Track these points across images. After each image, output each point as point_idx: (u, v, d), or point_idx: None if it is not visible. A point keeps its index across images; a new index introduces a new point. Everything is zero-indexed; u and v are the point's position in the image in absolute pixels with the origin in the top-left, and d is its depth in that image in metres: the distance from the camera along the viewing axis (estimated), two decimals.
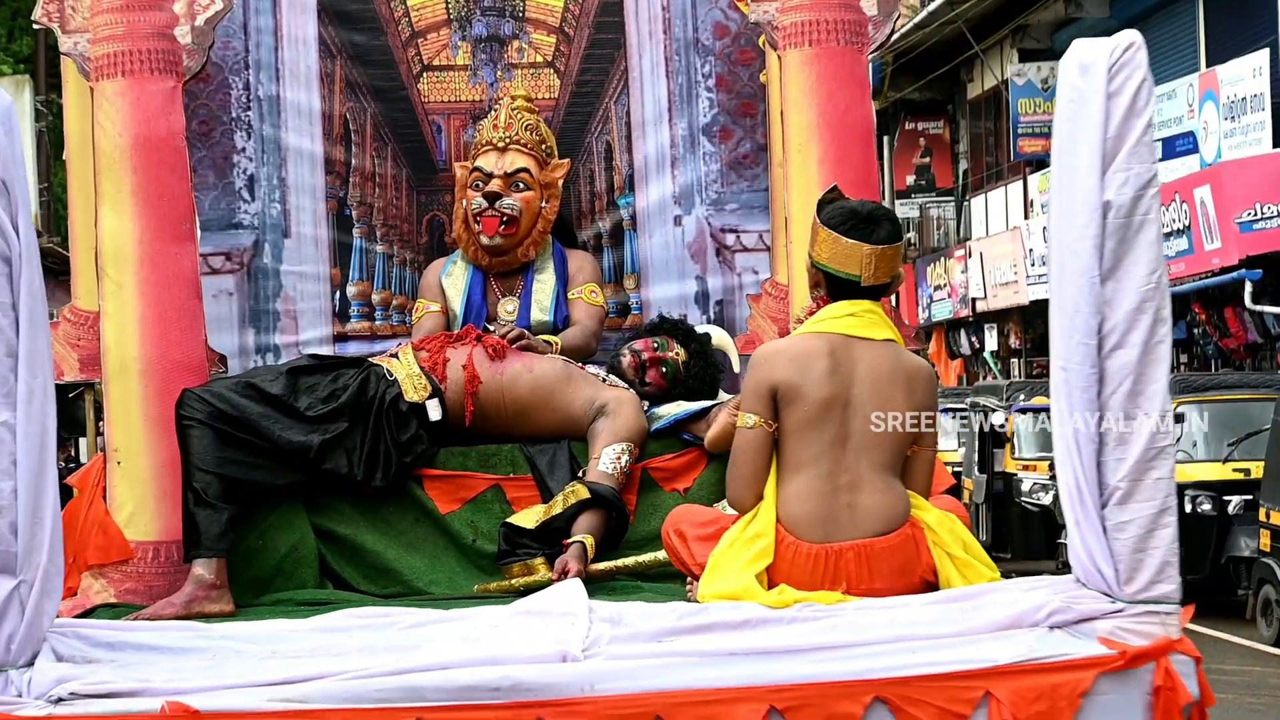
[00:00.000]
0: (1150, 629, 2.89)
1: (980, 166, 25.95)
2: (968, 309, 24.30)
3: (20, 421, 2.85)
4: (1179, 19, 20.27)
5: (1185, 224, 17.25)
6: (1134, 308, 2.90)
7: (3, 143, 2.87)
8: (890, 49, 25.91)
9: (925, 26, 24.24)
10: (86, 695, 2.84)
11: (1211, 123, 17.53)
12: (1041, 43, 23.40)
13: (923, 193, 26.71)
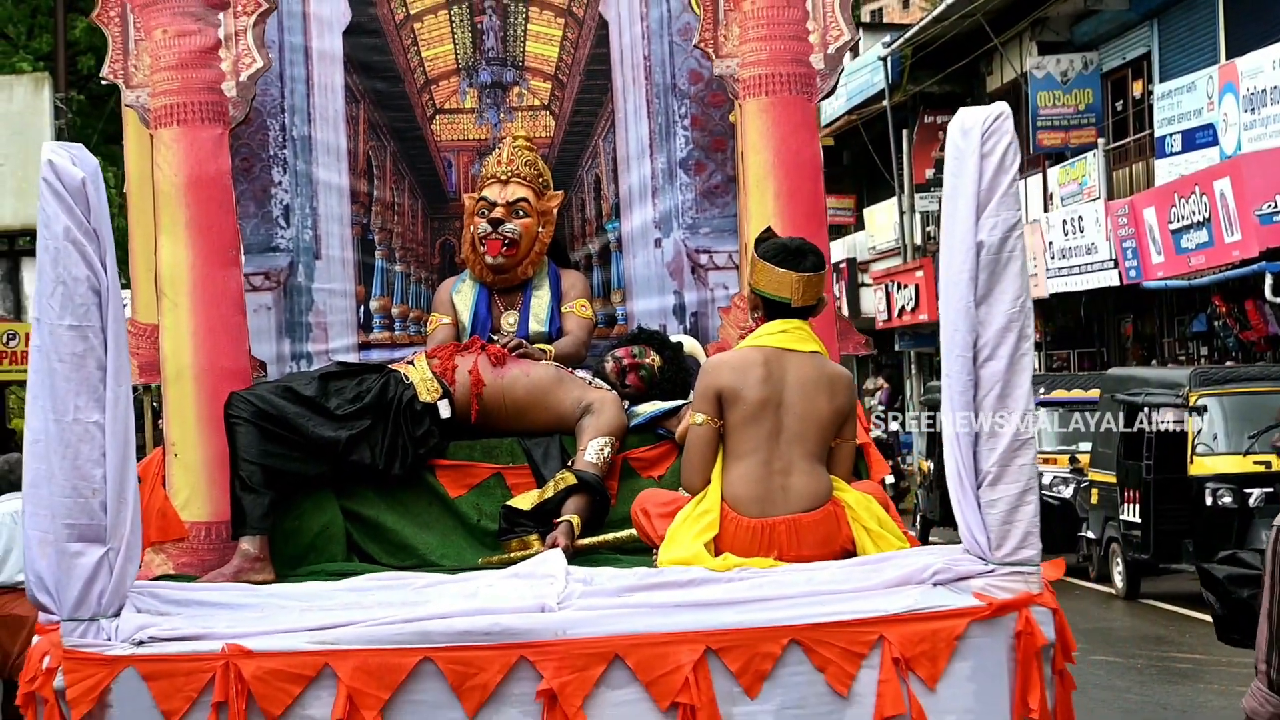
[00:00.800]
0: (1015, 585, 3.67)
1: None
2: None
3: (108, 422, 3.64)
4: (1198, 11, 20.51)
5: (1205, 216, 17.61)
6: (1002, 327, 3.66)
7: (93, 197, 3.66)
8: (909, 42, 26.40)
9: (944, 20, 24.58)
10: (161, 639, 3.63)
11: (1231, 115, 17.88)
12: (1061, 35, 23.65)
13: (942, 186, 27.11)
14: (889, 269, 29.01)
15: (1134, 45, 22.16)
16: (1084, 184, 21.97)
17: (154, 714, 3.57)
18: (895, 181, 27.90)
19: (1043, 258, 22.24)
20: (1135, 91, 22.35)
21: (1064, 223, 21.70)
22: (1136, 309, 22.20)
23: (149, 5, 4.91)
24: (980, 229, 3.66)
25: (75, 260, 3.57)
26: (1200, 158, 18.40)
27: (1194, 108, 18.80)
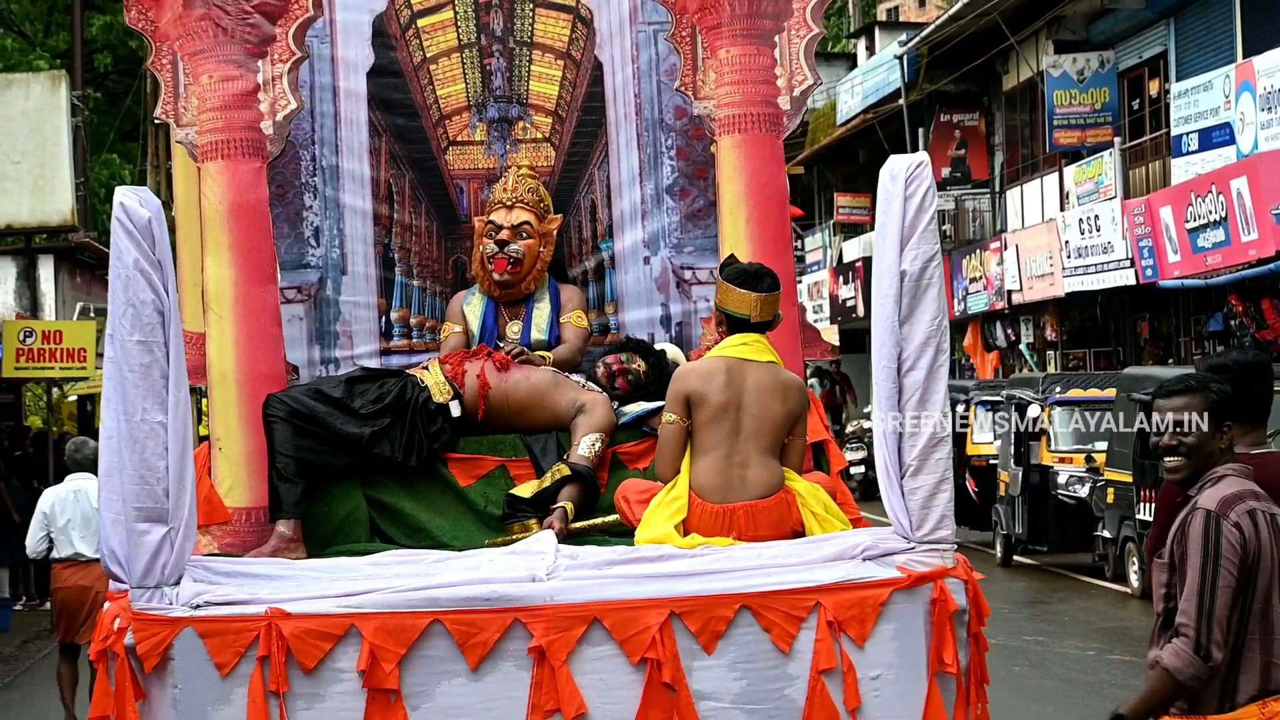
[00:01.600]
0: (932, 560, 4.43)
1: (1016, 158, 26.52)
2: (1003, 301, 24.90)
3: (170, 421, 4.43)
4: (1215, 10, 20.75)
5: (1222, 215, 17.78)
6: (922, 342, 4.42)
7: (157, 233, 4.44)
8: (925, 41, 26.78)
9: (960, 18, 24.86)
10: (214, 603, 4.42)
11: (1248, 114, 18.00)
12: (1077, 34, 23.96)
13: (958, 185, 27.35)
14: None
15: (1151, 44, 22.44)
16: (1100, 183, 22.25)
17: (209, 666, 4.36)
18: None
19: (1059, 257, 22.63)
20: (1152, 90, 22.62)
21: (1080, 222, 21.97)
22: (1153, 308, 22.48)
23: (197, 54, 5.70)
24: (904, 260, 4.42)
25: (143, 287, 4.35)
26: (1217, 156, 18.59)
27: (1211, 106, 18.98)
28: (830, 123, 32.96)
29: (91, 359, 16.87)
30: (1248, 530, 3.99)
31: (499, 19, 6.19)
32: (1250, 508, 4.01)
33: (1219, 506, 4.01)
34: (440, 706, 4.33)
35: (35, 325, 16.94)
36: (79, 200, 20.03)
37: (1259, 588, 3.99)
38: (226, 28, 5.67)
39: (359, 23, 6.12)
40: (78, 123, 20.25)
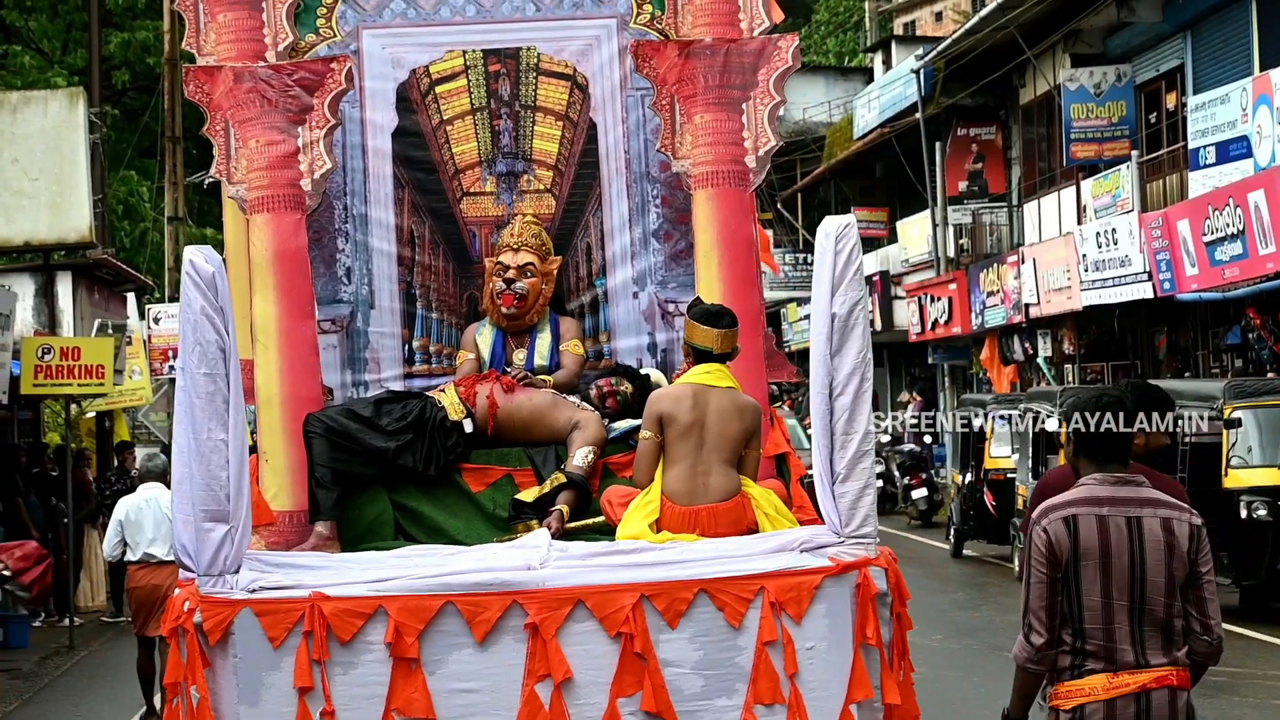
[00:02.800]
0: (857, 552, 5.55)
1: (1033, 172, 27.27)
2: (1021, 315, 25.63)
3: (230, 438, 5.57)
4: (1232, 23, 21.43)
5: (1240, 228, 18.37)
6: (849, 372, 5.54)
7: (220, 284, 5.59)
8: (942, 55, 27.61)
9: (977, 32, 25.75)
10: (267, 588, 5.56)
11: (1266, 126, 18.52)
12: (1094, 47, 24.81)
13: (975, 198, 28.23)
14: (922, 282, 30.20)
15: (1167, 57, 23.18)
16: (1117, 196, 22.92)
17: (263, 640, 5.49)
18: (928, 194, 29.05)
19: (1076, 270, 23.27)
20: (1169, 104, 23.32)
21: (1097, 235, 22.63)
22: (1170, 321, 23.15)
23: (246, 121, 6.89)
24: (834, 304, 5.55)
25: (207, 329, 5.51)
26: (1234, 170, 19.19)
27: (1228, 120, 19.55)
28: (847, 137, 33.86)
29: (109, 375, 17.34)
30: (1055, 533, 4.98)
31: (506, 86, 7.38)
32: (1068, 514, 5.00)
33: (1038, 515, 5.09)
34: (452, 672, 5.46)
35: (53, 342, 17.35)
36: (97, 217, 20.67)
37: (1085, 582, 4.95)
38: (271, 99, 6.85)
39: (385, 90, 7.31)
40: (95, 140, 21.02)
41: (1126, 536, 4.95)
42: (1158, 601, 4.95)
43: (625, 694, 5.41)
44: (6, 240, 19.17)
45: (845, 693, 5.47)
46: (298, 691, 5.40)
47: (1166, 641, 4.97)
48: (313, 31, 7.24)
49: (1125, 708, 4.92)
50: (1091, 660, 4.98)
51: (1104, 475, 5.08)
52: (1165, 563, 4.94)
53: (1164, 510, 5.02)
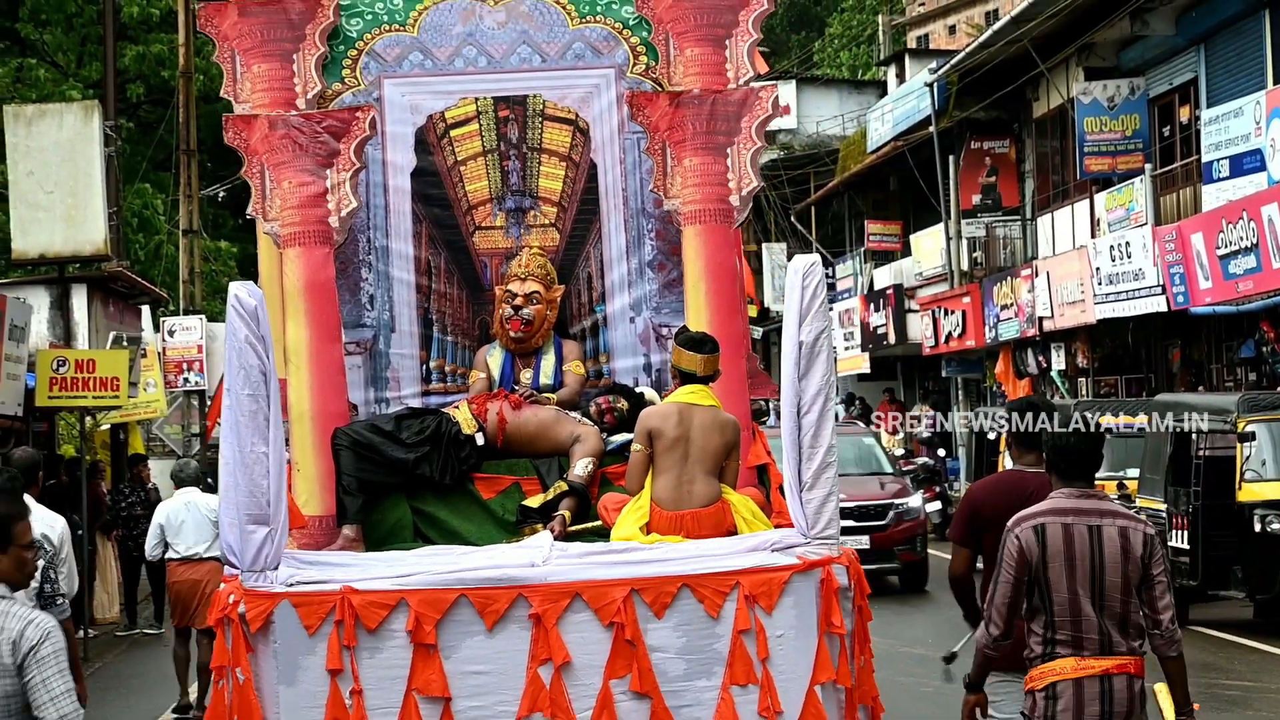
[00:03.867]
0: (821, 551, 6.53)
1: (1047, 185, 27.74)
2: (1034, 328, 26.01)
3: (270, 451, 6.58)
4: (1245, 36, 21.92)
5: (1253, 241, 18.89)
6: (815, 393, 6.52)
7: (261, 315, 6.60)
8: (956, 68, 28.16)
9: (990, 45, 26.26)
10: (303, 583, 6.56)
11: (1279, 140, 18.99)
12: (1108, 61, 25.30)
13: (989, 212, 28.86)
14: (936, 295, 30.77)
15: (1181, 70, 23.70)
16: (1131, 209, 23.40)
17: (299, 628, 6.47)
18: (942, 207, 29.69)
19: (1090, 284, 23.67)
20: (1182, 117, 23.80)
21: (1111, 249, 23.08)
22: (1184, 335, 23.60)
23: (280, 164, 7.92)
24: (801, 332, 6.55)
25: (251, 355, 6.52)
26: (1248, 183, 19.71)
27: (1241, 133, 20.11)
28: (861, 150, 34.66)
29: (124, 388, 17.77)
30: (1026, 540, 5.98)
31: (515, 130, 8.41)
32: (1038, 523, 6.00)
33: (1012, 523, 6.09)
34: (465, 656, 6.45)
35: (68, 354, 17.70)
36: (112, 230, 21.21)
37: (1053, 581, 5.93)
38: (302, 144, 7.89)
39: (404, 134, 8.34)
40: (110, 153, 21.63)
41: (1088, 542, 5.95)
42: (1115, 599, 5.94)
43: (617, 676, 6.39)
44: (22, 253, 19.75)
45: (811, 675, 6.44)
46: (330, 673, 6.38)
47: (1124, 634, 5.97)
48: (339, 80, 8.29)
49: (1090, 686, 5.92)
50: (1061, 646, 5.98)
51: (1070, 490, 6.10)
52: (1121, 566, 5.94)
53: (1121, 520, 6.03)
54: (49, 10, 31.53)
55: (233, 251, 32.99)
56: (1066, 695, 5.94)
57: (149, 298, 24.05)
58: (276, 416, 6.56)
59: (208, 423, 25.96)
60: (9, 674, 4.99)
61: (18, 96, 27.68)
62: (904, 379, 35.29)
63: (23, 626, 5.04)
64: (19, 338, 15.89)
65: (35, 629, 5.05)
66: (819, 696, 6.43)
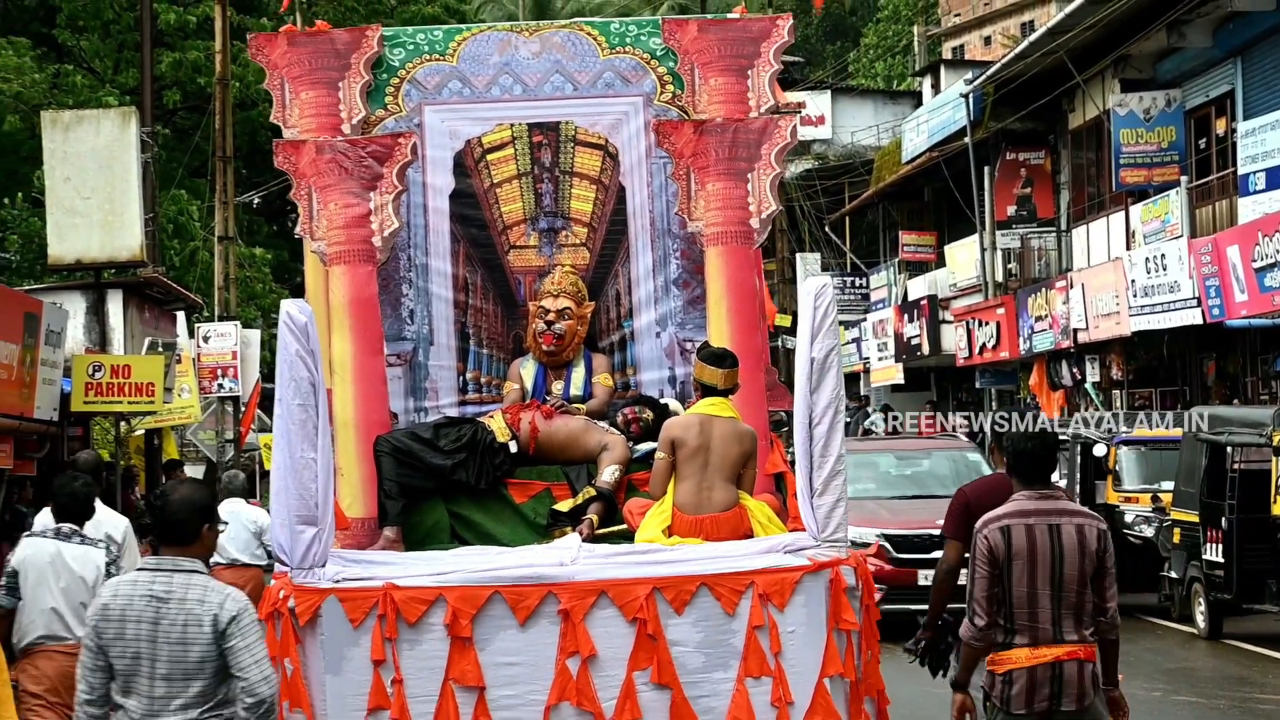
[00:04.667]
0: (831, 553, 7.18)
1: (1082, 197, 28.23)
2: (1069, 340, 26.45)
3: (318, 457, 7.27)
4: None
5: None
6: (825, 405, 7.16)
7: (311, 331, 7.28)
8: (991, 79, 28.53)
9: (1026, 57, 26.77)
10: (348, 579, 7.24)
11: None
12: (1144, 73, 25.79)
13: (1024, 223, 29.35)
14: (970, 306, 31.25)
15: (1217, 83, 24.18)
16: (1167, 222, 23.86)
17: (345, 621, 7.13)
18: (976, 218, 30.16)
19: (1125, 296, 24.08)
20: (1219, 129, 24.27)
21: (1146, 260, 23.54)
22: (1219, 348, 24.04)
23: (326, 187, 8.62)
24: (813, 349, 7.20)
25: (301, 368, 7.20)
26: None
27: (1278, 145, 20.65)
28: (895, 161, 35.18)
29: (159, 393, 18.10)
30: (994, 540, 6.70)
31: (548, 154, 9.10)
32: (1004, 524, 6.71)
33: (980, 525, 6.80)
34: (499, 649, 7.10)
35: (104, 360, 18.05)
36: (148, 236, 21.40)
37: (1015, 576, 6.65)
38: (348, 168, 8.59)
39: (443, 158, 9.04)
40: (147, 159, 21.85)
41: (1048, 540, 6.71)
42: (1072, 590, 6.68)
43: (640, 668, 7.04)
44: (58, 258, 20.10)
45: (820, 668, 7.08)
46: (373, 664, 7.03)
47: (1077, 622, 6.70)
48: (382, 107, 8.99)
49: (1042, 673, 6.68)
50: (1018, 636, 6.73)
51: (1030, 492, 6.84)
52: (1079, 560, 6.69)
53: (1078, 519, 6.78)
54: (86, 17, 32.11)
55: (267, 258, 33.49)
56: (1021, 681, 6.68)
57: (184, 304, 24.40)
58: (324, 425, 7.24)
59: (241, 429, 26.59)
60: (209, 640, 5.90)
61: (55, 103, 28.16)
62: (937, 390, 35.73)
63: (221, 599, 5.96)
64: (55, 343, 16.15)
65: (233, 602, 5.97)
66: (827, 688, 7.06)
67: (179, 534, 6.09)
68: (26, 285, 23.37)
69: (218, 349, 25.36)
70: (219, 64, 27.27)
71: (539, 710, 7.00)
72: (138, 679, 5.92)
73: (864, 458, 18.68)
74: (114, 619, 5.96)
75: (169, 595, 5.96)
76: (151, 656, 5.91)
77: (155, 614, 5.93)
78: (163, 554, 6.10)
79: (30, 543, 9.06)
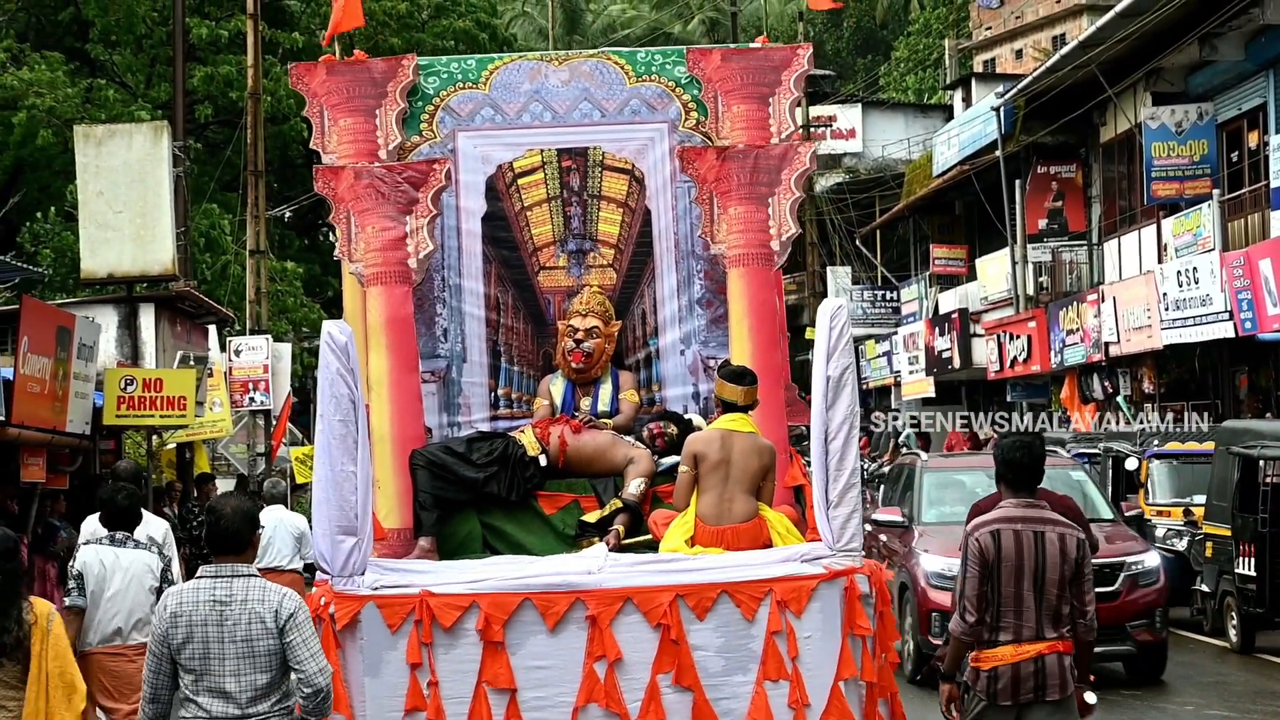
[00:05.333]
0: (846, 562, 7.67)
1: (1113, 210, 28.52)
2: (1101, 353, 26.67)
3: (358, 470, 7.79)
4: None
5: None
6: (841, 421, 7.66)
7: (351, 350, 7.79)
8: (1023, 93, 28.81)
9: (1058, 70, 27.02)
10: (386, 586, 7.75)
11: None
12: (1176, 86, 25.99)
13: (1055, 236, 29.69)
14: (1001, 319, 31.58)
15: (1250, 96, 24.40)
16: (1198, 235, 24.08)
17: (382, 626, 7.65)
18: (1008, 232, 30.49)
19: (1157, 309, 24.26)
20: (1251, 142, 24.45)
21: (1178, 274, 23.71)
22: (1252, 361, 24.25)
23: (364, 211, 9.15)
24: (829, 368, 7.69)
25: (341, 385, 7.72)
26: None
27: None
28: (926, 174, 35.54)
29: (191, 407, 18.55)
30: (984, 542, 7.25)
31: (576, 179, 9.62)
32: (994, 528, 7.28)
33: (971, 528, 7.33)
34: (529, 653, 7.60)
35: (136, 373, 18.43)
36: (179, 250, 21.92)
37: (1003, 577, 7.22)
38: (384, 193, 9.13)
39: (476, 182, 9.57)
40: (179, 173, 22.36)
41: (1032, 545, 7.28)
42: (1053, 593, 7.26)
43: (663, 671, 7.54)
44: (91, 272, 20.59)
45: (835, 672, 7.57)
46: (410, 666, 7.55)
47: (1056, 621, 7.28)
48: (417, 133, 9.53)
49: (1026, 667, 7.24)
50: (1002, 634, 7.29)
51: (1017, 500, 7.43)
52: (1060, 565, 7.27)
53: (1060, 528, 7.37)
54: (119, 32, 32.66)
55: (298, 272, 33.94)
56: (1005, 677, 7.25)
57: (215, 317, 24.82)
58: (364, 439, 7.76)
59: (273, 442, 26.83)
60: (272, 635, 6.63)
61: (88, 117, 28.65)
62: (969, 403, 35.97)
63: (279, 599, 6.69)
64: (87, 356, 16.47)
65: (290, 600, 6.71)
66: (843, 691, 7.55)
67: (235, 543, 6.78)
68: (59, 299, 23.87)
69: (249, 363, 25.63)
70: (251, 78, 27.55)
71: (567, 711, 7.51)
72: (209, 677, 6.61)
73: (947, 476, 16.72)
74: (182, 625, 6.65)
75: (230, 598, 6.67)
76: (221, 655, 6.64)
77: (220, 616, 6.65)
78: (218, 562, 6.76)
79: (88, 550, 9.68)
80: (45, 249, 29.03)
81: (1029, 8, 55.27)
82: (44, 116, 29.61)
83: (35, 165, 31.57)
